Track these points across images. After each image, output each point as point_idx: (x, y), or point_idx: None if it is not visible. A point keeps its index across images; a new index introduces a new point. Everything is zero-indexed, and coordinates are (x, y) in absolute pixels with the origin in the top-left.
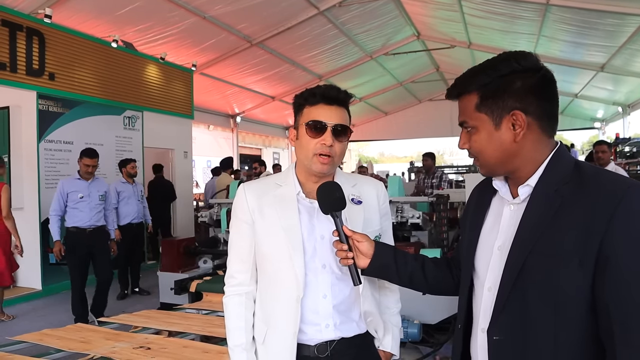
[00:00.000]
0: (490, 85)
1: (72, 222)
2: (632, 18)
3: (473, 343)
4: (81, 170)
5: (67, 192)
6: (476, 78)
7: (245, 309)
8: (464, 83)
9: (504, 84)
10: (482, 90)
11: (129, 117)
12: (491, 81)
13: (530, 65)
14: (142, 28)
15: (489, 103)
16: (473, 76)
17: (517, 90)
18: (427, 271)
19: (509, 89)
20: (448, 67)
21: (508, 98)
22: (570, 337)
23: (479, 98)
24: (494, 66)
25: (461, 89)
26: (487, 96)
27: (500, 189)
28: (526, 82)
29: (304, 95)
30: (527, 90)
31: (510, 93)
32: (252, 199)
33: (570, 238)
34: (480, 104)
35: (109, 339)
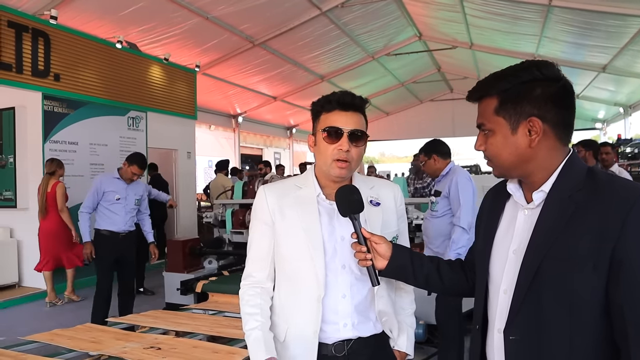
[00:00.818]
0: (510, 90)
1: (106, 224)
2: (634, 19)
3: (489, 343)
4: (126, 175)
5: (104, 190)
6: (498, 83)
7: (260, 299)
8: (486, 87)
9: (524, 90)
10: (502, 95)
11: (133, 118)
12: (512, 87)
13: (552, 74)
14: (146, 28)
15: (508, 108)
16: (495, 81)
17: (537, 97)
18: (443, 273)
19: (529, 96)
20: (449, 67)
21: (527, 104)
22: (585, 338)
23: (498, 102)
24: (515, 73)
25: (483, 92)
26: (507, 101)
27: (514, 193)
28: (546, 90)
29: (320, 102)
30: (546, 98)
31: (529, 100)
32: (272, 200)
33: (585, 243)
34: (499, 108)
35: (119, 339)
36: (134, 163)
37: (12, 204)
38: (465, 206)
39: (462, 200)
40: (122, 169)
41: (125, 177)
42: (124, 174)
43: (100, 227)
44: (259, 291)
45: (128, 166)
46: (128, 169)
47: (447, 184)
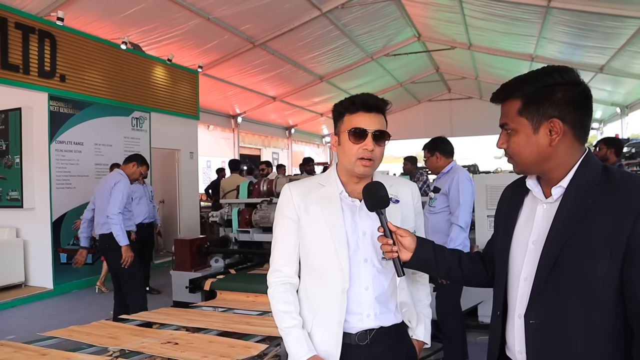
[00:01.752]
0: (533, 93)
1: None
2: (631, 20)
3: (510, 328)
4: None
5: None
6: (522, 86)
7: (292, 296)
8: (511, 89)
9: (547, 94)
10: (526, 98)
11: (137, 118)
12: (535, 90)
13: (572, 79)
14: (147, 29)
15: (531, 109)
16: (519, 84)
17: (558, 100)
18: (464, 265)
19: (551, 99)
20: (448, 68)
21: (549, 107)
22: (601, 321)
23: (522, 104)
24: (538, 77)
25: (507, 94)
26: (530, 103)
27: (533, 189)
28: (567, 94)
29: (344, 104)
30: (567, 101)
31: (551, 103)
32: (297, 197)
33: (601, 232)
34: (522, 109)
35: (135, 335)
36: (144, 163)
37: (18, 204)
38: (464, 205)
39: (461, 200)
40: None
41: (133, 180)
42: (132, 178)
43: None
44: (289, 287)
45: (138, 166)
46: (137, 170)
47: (448, 182)
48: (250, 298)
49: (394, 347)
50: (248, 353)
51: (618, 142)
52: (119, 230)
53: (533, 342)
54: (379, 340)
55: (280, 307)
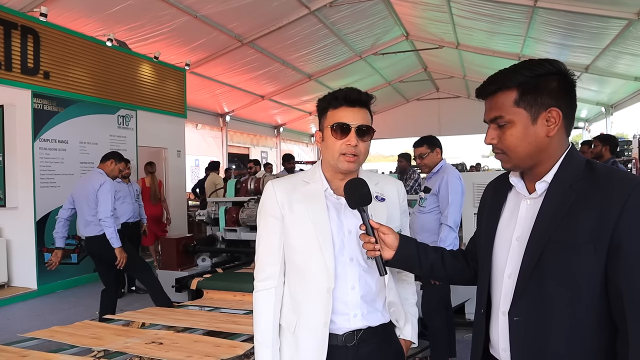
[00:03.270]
0: (530, 82)
1: None
2: (614, 21)
3: (494, 325)
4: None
5: None
6: (515, 76)
7: (273, 305)
8: (503, 80)
9: (543, 82)
10: (523, 87)
11: (123, 116)
12: (530, 79)
13: (561, 69)
14: (133, 27)
15: (529, 99)
16: (511, 74)
17: (554, 89)
18: (446, 262)
19: (547, 88)
20: (436, 67)
21: (547, 96)
22: (585, 316)
23: (518, 94)
24: (528, 67)
25: (500, 85)
26: (527, 92)
27: (517, 184)
28: (561, 82)
29: (327, 99)
30: (562, 90)
31: (549, 92)
32: (281, 195)
33: (585, 227)
34: (519, 99)
35: (119, 335)
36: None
37: (1, 203)
38: (453, 205)
39: (451, 199)
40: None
41: (112, 175)
42: (112, 175)
43: None
44: (273, 294)
45: (116, 164)
46: (116, 167)
47: (438, 181)
48: (237, 297)
49: (381, 347)
50: (234, 352)
51: (613, 139)
52: (112, 233)
53: (517, 339)
54: (367, 341)
55: (261, 318)
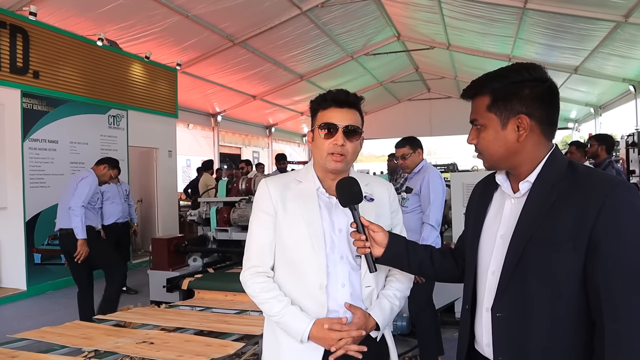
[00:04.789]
0: (501, 89)
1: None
2: (602, 23)
3: (478, 321)
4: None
5: None
6: (490, 82)
7: (271, 282)
8: (480, 85)
9: (515, 90)
10: (495, 94)
11: (114, 116)
12: (503, 86)
13: (539, 76)
14: (124, 26)
15: (499, 105)
16: (488, 80)
17: (525, 96)
18: (435, 260)
19: (518, 95)
20: (427, 67)
21: (516, 103)
22: (565, 313)
23: (490, 100)
24: (507, 74)
25: (476, 90)
26: (498, 99)
27: (502, 183)
28: (534, 90)
29: (317, 100)
30: (534, 97)
31: (519, 99)
32: (275, 192)
33: (566, 226)
34: (491, 105)
35: (110, 335)
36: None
37: None
38: (435, 204)
39: (432, 199)
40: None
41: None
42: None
43: None
44: (267, 278)
45: (110, 169)
46: (108, 172)
47: (419, 181)
48: (228, 297)
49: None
50: (225, 352)
51: (609, 139)
52: (78, 222)
53: (499, 335)
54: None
55: (265, 295)
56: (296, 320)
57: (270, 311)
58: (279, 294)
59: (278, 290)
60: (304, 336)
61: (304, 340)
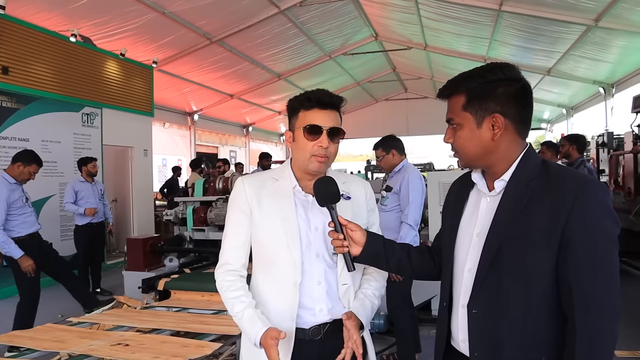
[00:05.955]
0: (476, 89)
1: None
2: (574, 26)
3: (454, 318)
4: (22, 177)
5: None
6: (466, 82)
7: (241, 283)
8: (455, 85)
9: (489, 89)
10: (470, 93)
11: (88, 114)
12: (478, 86)
13: (513, 75)
14: (98, 22)
15: (474, 104)
16: (463, 80)
17: (499, 96)
18: (412, 258)
19: (493, 94)
20: (404, 67)
21: (491, 102)
22: (538, 307)
23: (466, 99)
24: (482, 73)
25: (452, 90)
26: (473, 98)
27: (478, 182)
28: (508, 89)
29: (299, 99)
30: (508, 97)
31: (493, 98)
32: (250, 191)
33: (539, 224)
34: (466, 104)
35: (83, 337)
36: (33, 162)
37: None
38: (413, 204)
39: (411, 198)
40: (13, 170)
41: (21, 178)
42: (20, 176)
43: None
44: (238, 277)
45: (25, 166)
46: (25, 170)
47: (399, 181)
48: (205, 297)
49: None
50: (201, 352)
51: (581, 139)
52: (4, 245)
53: (475, 331)
54: (333, 335)
55: (229, 295)
56: (251, 324)
57: (232, 310)
58: (243, 295)
59: (244, 291)
60: (256, 340)
61: (256, 345)
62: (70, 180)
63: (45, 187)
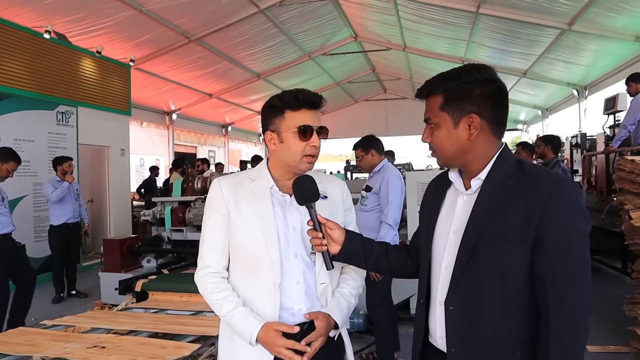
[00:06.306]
0: (454, 89)
1: None
2: (549, 29)
3: (432, 315)
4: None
5: None
6: (443, 82)
7: (224, 283)
8: (433, 85)
9: (466, 90)
10: (447, 93)
11: (63, 113)
12: (455, 86)
13: (489, 77)
14: (74, 19)
15: (451, 105)
16: (441, 80)
17: (476, 96)
18: (391, 256)
19: (469, 95)
20: (384, 68)
21: (467, 102)
22: (514, 303)
23: (443, 99)
24: (459, 74)
25: (430, 90)
26: (450, 99)
27: (455, 181)
28: (484, 90)
29: (284, 99)
30: (484, 97)
31: (469, 98)
32: (227, 191)
33: (514, 222)
34: (444, 104)
35: (57, 340)
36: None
37: None
38: (393, 204)
39: (390, 198)
40: None
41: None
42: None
43: None
44: (221, 279)
45: (3, 164)
46: (3, 166)
47: (379, 180)
48: (183, 298)
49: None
50: (180, 353)
51: (555, 139)
52: None
53: (452, 327)
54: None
55: (215, 296)
56: (245, 321)
57: (221, 312)
58: (230, 295)
59: (229, 291)
60: (252, 338)
61: (252, 343)
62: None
63: (19, 187)
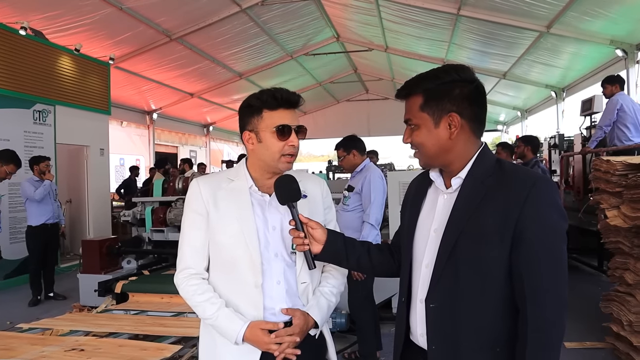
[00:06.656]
0: (433, 89)
1: None
2: (528, 32)
3: (413, 313)
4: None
5: None
6: (423, 83)
7: (205, 284)
8: (413, 86)
9: (445, 90)
10: (427, 94)
11: (40, 111)
12: (434, 87)
13: (467, 77)
14: (51, 16)
15: (431, 105)
16: (420, 81)
17: (455, 96)
18: (372, 255)
19: (449, 95)
20: (366, 69)
21: (447, 102)
22: (493, 300)
23: (423, 100)
24: (438, 74)
25: (409, 91)
26: (430, 99)
27: (436, 180)
28: (463, 90)
29: (262, 98)
30: (463, 97)
31: (449, 98)
32: (206, 192)
33: (493, 220)
34: (424, 104)
35: (34, 344)
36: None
37: None
38: (375, 204)
39: (372, 198)
40: None
41: None
42: None
43: None
44: (202, 280)
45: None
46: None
47: (361, 180)
48: (164, 299)
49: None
50: (161, 355)
51: (535, 140)
52: None
53: (433, 325)
54: None
55: (197, 299)
56: (230, 322)
57: (204, 314)
58: (213, 296)
59: (212, 292)
60: (239, 338)
61: (238, 342)
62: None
63: None
